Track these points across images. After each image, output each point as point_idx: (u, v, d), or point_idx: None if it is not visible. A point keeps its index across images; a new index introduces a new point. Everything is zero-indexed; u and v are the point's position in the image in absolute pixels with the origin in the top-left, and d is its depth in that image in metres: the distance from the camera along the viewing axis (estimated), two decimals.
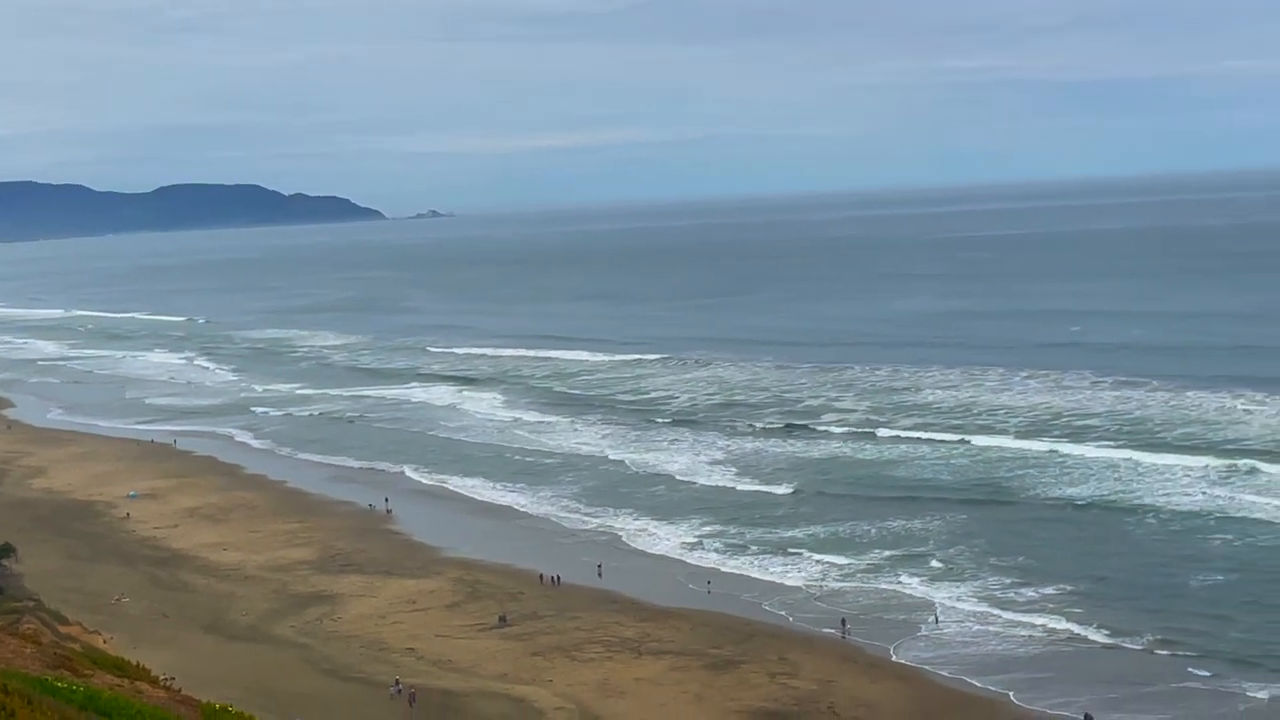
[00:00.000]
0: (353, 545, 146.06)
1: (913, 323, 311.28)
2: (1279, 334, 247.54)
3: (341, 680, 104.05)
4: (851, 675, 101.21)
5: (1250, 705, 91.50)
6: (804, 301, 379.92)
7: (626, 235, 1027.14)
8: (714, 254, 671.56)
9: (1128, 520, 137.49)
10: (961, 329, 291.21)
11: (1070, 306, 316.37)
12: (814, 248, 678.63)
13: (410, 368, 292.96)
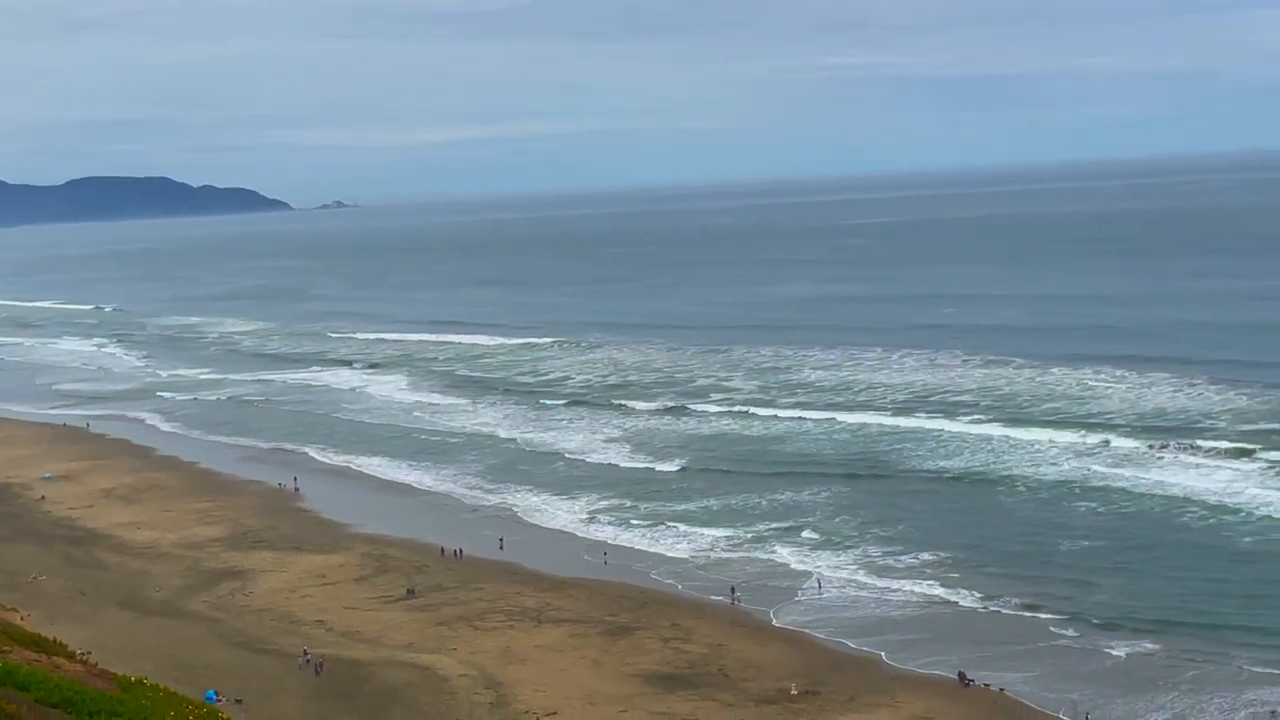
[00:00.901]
0: (263, 523, 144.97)
1: (795, 306, 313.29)
2: (1135, 315, 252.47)
3: (253, 652, 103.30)
4: (740, 639, 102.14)
5: (1112, 662, 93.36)
6: (692, 287, 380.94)
7: (524, 225, 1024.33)
8: (607, 242, 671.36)
9: (998, 490, 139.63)
10: (841, 312, 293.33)
11: (943, 290, 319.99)
12: (702, 236, 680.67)
13: (317, 352, 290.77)
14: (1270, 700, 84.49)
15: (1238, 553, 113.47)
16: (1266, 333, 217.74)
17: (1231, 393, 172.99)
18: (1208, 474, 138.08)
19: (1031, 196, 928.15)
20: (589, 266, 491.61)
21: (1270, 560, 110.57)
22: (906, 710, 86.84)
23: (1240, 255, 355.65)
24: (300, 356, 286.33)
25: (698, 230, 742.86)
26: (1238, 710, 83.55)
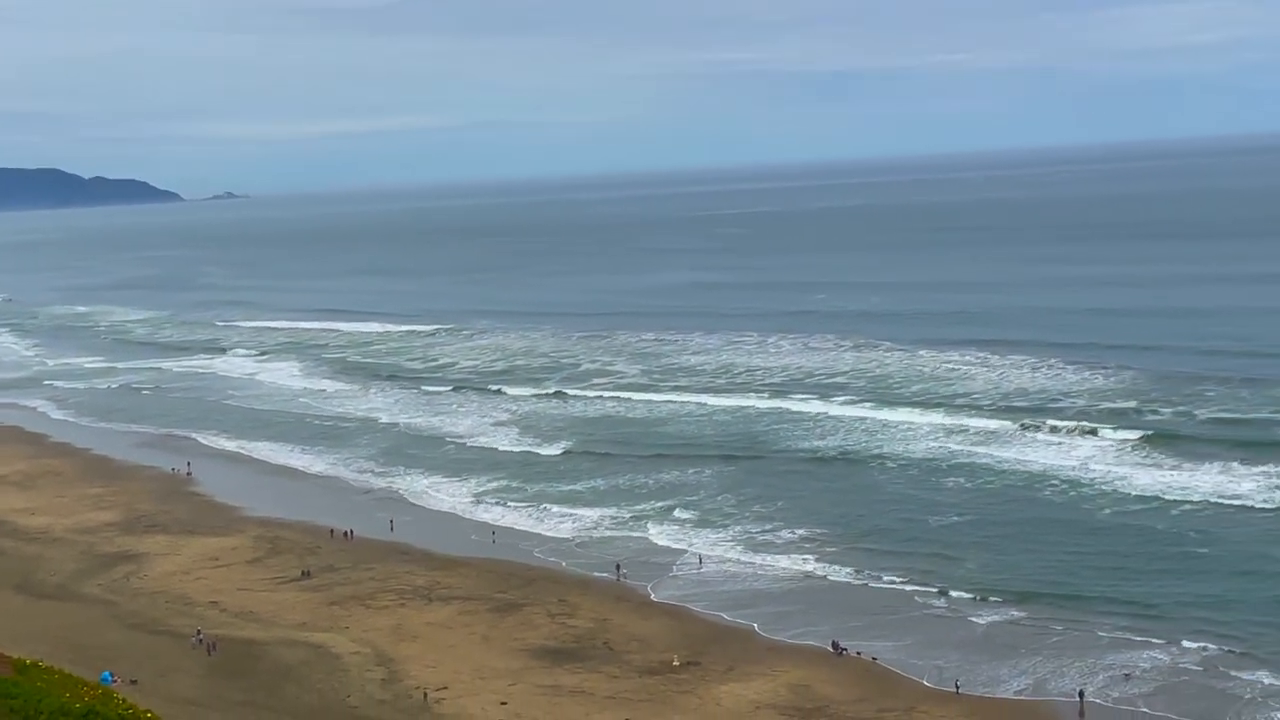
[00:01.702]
0: (157, 507, 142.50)
1: (676, 293, 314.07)
2: (995, 300, 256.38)
3: (147, 634, 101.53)
4: (624, 613, 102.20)
5: (979, 631, 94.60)
6: (576, 275, 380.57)
7: (410, 215, 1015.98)
8: (493, 232, 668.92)
9: (870, 468, 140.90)
10: (719, 298, 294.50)
11: (815, 277, 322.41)
12: (584, 225, 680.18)
13: (208, 340, 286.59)
14: (1124, 663, 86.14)
15: (1095, 525, 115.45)
16: (1117, 316, 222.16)
17: (1087, 372, 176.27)
18: (1067, 450, 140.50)
19: (896, 188, 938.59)
20: (475, 256, 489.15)
21: (1125, 532, 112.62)
22: (783, 679, 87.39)
23: (1090, 243, 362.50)
24: (191, 344, 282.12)
25: (581, 220, 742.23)
26: (1096, 674, 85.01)
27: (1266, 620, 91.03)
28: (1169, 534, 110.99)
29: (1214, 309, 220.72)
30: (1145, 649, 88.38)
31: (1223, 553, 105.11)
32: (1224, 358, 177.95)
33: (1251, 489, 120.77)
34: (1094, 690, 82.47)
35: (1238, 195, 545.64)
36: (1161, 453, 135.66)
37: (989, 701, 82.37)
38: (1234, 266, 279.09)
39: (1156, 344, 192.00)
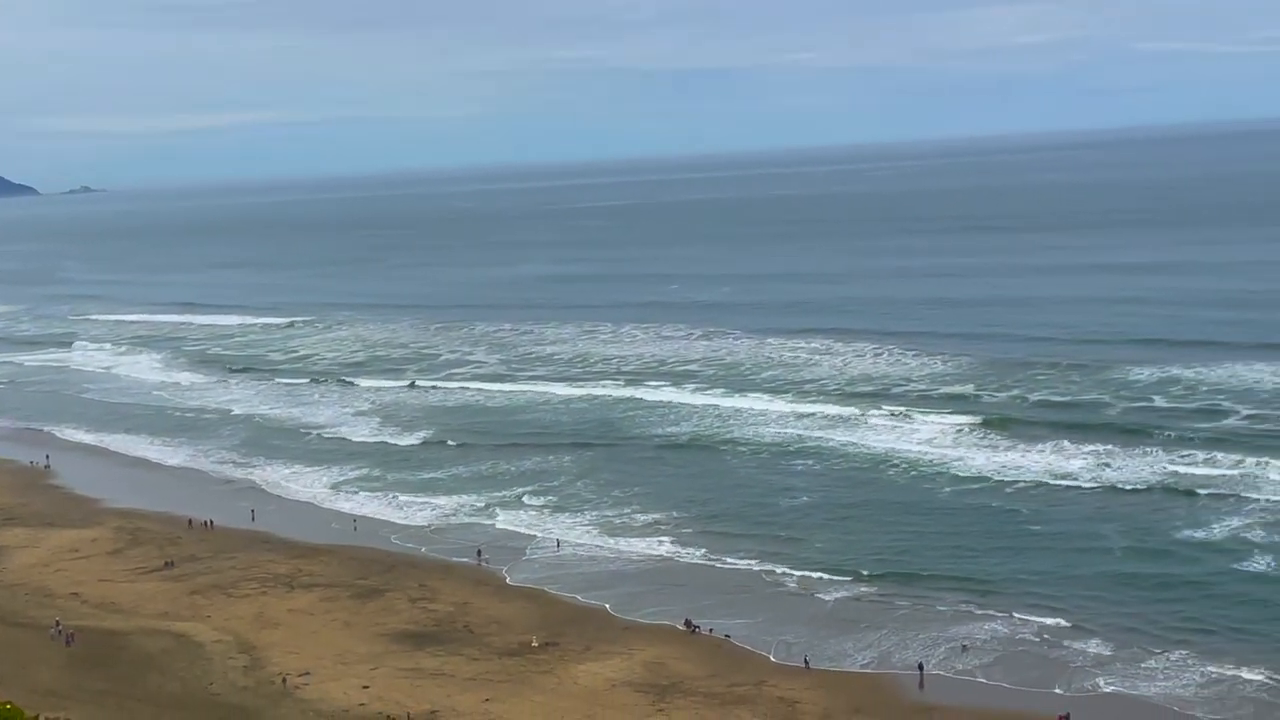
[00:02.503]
0: (15, 500, 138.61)
1: (532, 284, 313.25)
2: (840, 290, 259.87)
3: (7, 626, 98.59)
4: (484, 597, 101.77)
5: (827, 607, 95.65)
6: (433, 267, 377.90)
7: (269, 209, 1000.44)
8: (350, 225, 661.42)
9: (723, 453, 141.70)
10: (574, 289, 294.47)
11: (667, 269, 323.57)
12: (441, 219, 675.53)
13: (65, 334, 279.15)
14: (963, 636, 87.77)
15: (935, 505, 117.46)
16: (952, 305, 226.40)
17: (925, 358, 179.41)
18: (908, 433, 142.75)
19: (744, 182, 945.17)
20: (332, 249, 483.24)
21: (964, 511, 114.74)
22: (639, 657, 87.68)
23: (926, 235, 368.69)
24: (48, 338, 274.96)
25: (439, 214, 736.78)
26: (937, 646, 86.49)
27: (1095, 594, 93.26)
28: (1004, 512, 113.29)
29: (1042, 298, 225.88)
30: (983, 622, 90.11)
31: (1054, 530, 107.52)
32: (1053, 344, 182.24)
33: (1080, 468, 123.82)
34: (935, 662, 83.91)
35: (1064, 189, 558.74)
36: (997, 434, 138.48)
37: (835, 675, 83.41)
38: (1060, 257, 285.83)
39: (989, 331, 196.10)
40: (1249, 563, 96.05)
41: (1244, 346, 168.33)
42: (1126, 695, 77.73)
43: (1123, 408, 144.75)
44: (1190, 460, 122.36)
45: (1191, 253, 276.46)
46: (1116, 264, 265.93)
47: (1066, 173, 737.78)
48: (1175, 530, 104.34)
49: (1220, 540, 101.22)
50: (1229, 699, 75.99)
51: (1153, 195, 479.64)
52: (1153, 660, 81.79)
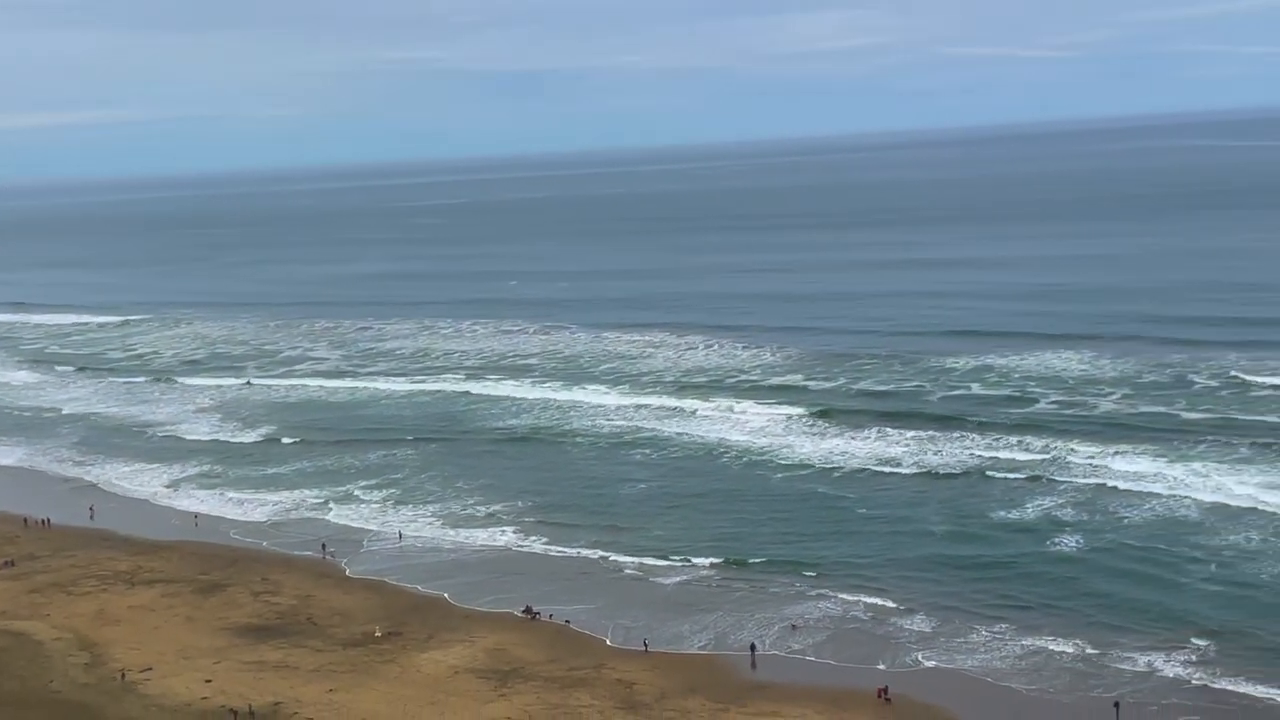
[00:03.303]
0: None
1: (373, 282, 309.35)
2: (671, 285, 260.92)
3: None
4: (327, 589, 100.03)
5: (667, 591, 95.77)
6: (275, 265, 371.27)
7: (106, 208, 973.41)
8: (189, 224, 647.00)
9: (564, 444, 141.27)
10: (416, 286, 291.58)
11: (507, 266, 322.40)
12: (280, 217, 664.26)
13: None
14: (793, 616, 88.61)
15: (768, 490, 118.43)
16: (779, 299, 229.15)
17: (756, 350, 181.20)
18: (741, 423, 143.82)
19: (577, 181, 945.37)
20: (173, 247, 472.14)
21: (796, 497, 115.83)
22: (481, 644, 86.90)
23: (755, 232, 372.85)
24: None
25: (278, 212, 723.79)
26: (771, 626, 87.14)
27: (918, 574, 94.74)
28: (832, 497, 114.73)
29: (865, 292, 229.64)
30: (814, 602, 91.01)
31: (879, 514, 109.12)
32: (875, 336, 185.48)
33: (902, 453, 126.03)
34: (769, 642, 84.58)
35: (879, 188, 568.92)
36: (825, 422, 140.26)
37: (673, 657, 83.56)
38: (879, 253, 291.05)
39: (815, 325, 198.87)
40: (1059, 541, 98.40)
41: (1052, 336, 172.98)
42: (945, 669, 79.10)
43: (941, 395, 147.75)
44: (1004, 445, 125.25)
45: (1002, 248, 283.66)
46: (932, 259, 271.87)
47: (881, 172, 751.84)
48: (991, 511, 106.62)
49: (1033, 520, 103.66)
50: (1044, 670, 77.75)
51: (963, 193, 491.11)
52: (972, 636, 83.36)
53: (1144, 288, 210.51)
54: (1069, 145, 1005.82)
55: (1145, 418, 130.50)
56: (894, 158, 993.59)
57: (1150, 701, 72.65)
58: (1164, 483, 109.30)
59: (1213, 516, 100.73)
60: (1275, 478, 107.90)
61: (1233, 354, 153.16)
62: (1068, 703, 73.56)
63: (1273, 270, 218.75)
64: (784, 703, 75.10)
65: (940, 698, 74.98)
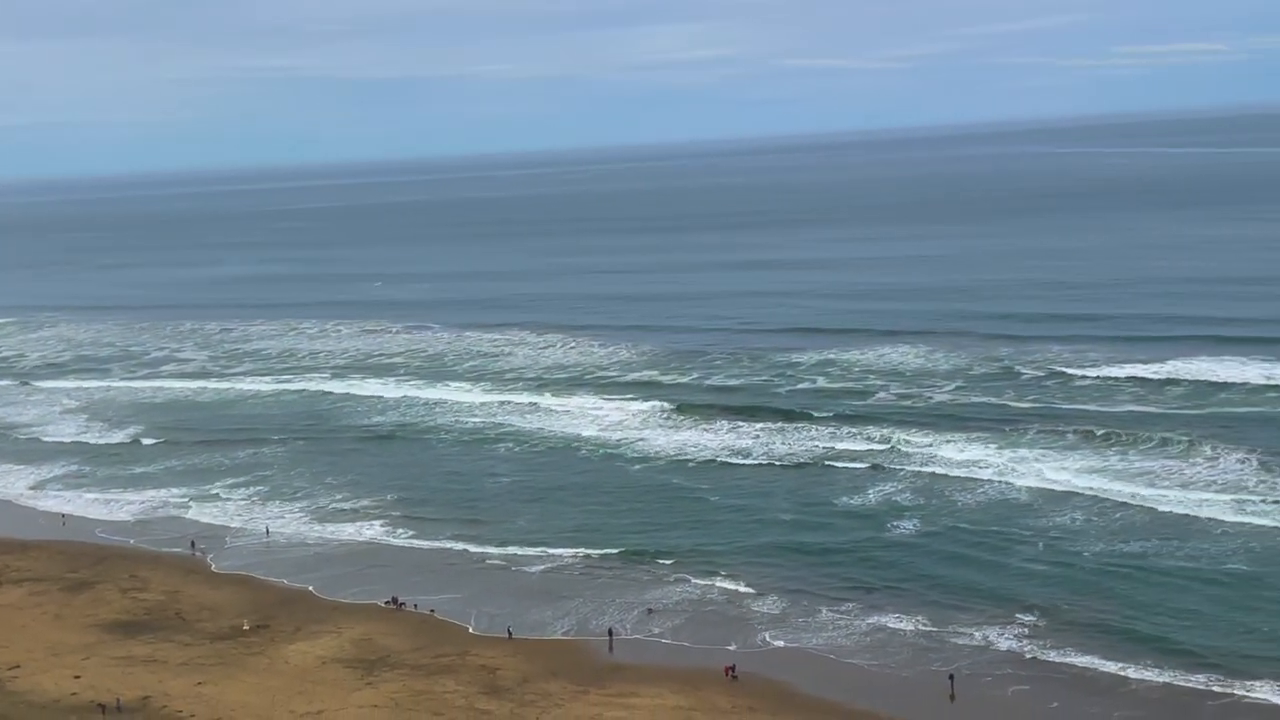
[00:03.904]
0: None
1: (239, 284, 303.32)
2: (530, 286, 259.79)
3: None
4: (195, 585, 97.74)
5: (532, 579, 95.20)
6: (141, 268, 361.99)
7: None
8: (56, 228, 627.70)
9: (429, 439, 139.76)
10: (281, 288, 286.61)
11: (370, 269, 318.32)
12: (146, 221, 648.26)
13: None
14: (650, 601, 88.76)
15: (627, 481, 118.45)
16: (636, 300, 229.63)
17: (612, 347, 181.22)
18: (600, 417, 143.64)
19: (442, 185, 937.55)
20: (40, 251, 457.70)
21: (653, 488, 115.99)
22: (347, 634, 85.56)
23: (611, 235, 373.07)
24: None
25: (146, 216, 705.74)
26: (631, 611, 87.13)
27: (768, 559, 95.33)
28: (687, 487, 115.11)
29: (716, 291, 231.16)
30: (671, 587, 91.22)
31: (731, 502, 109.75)
32: (726, 333, 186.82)
33: (752, 444, 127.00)
34: (629, 626, 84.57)
35: (727, 192, 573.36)
36: (680, 415, 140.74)
37: (535, 642, 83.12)
38: (730, 254, 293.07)
39: (669, 323, 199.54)
40: (899, 526, 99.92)
41: (889, 333, 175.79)
42: (792, 648, 79.82)
43: (788, 389, 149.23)
44: (847, 435, 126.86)
45: (841, 249, 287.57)
46: (776, 260, 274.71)
47: (729, 176, 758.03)
48: (835, 499, 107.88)
49: (874, 506, 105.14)
50: (886, 647, 78.87)
51: (803, 197, 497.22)
52: (818, 616, 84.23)
53: (973, 286, 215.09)
54: (899, 152, 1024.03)
55: (977, 408, 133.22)
56: (740, 164, 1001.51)
57: (984, 673, 74.16)
58: (994, 469, 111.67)
59: (1039, 499, 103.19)
60: (1095, 463, 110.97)
61: (1056, 347, 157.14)
62: (906, 676, 74.76)
63: (1090, 269, 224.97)
64: (640, 683, 75.20)
65: (786, 674, 75.73)
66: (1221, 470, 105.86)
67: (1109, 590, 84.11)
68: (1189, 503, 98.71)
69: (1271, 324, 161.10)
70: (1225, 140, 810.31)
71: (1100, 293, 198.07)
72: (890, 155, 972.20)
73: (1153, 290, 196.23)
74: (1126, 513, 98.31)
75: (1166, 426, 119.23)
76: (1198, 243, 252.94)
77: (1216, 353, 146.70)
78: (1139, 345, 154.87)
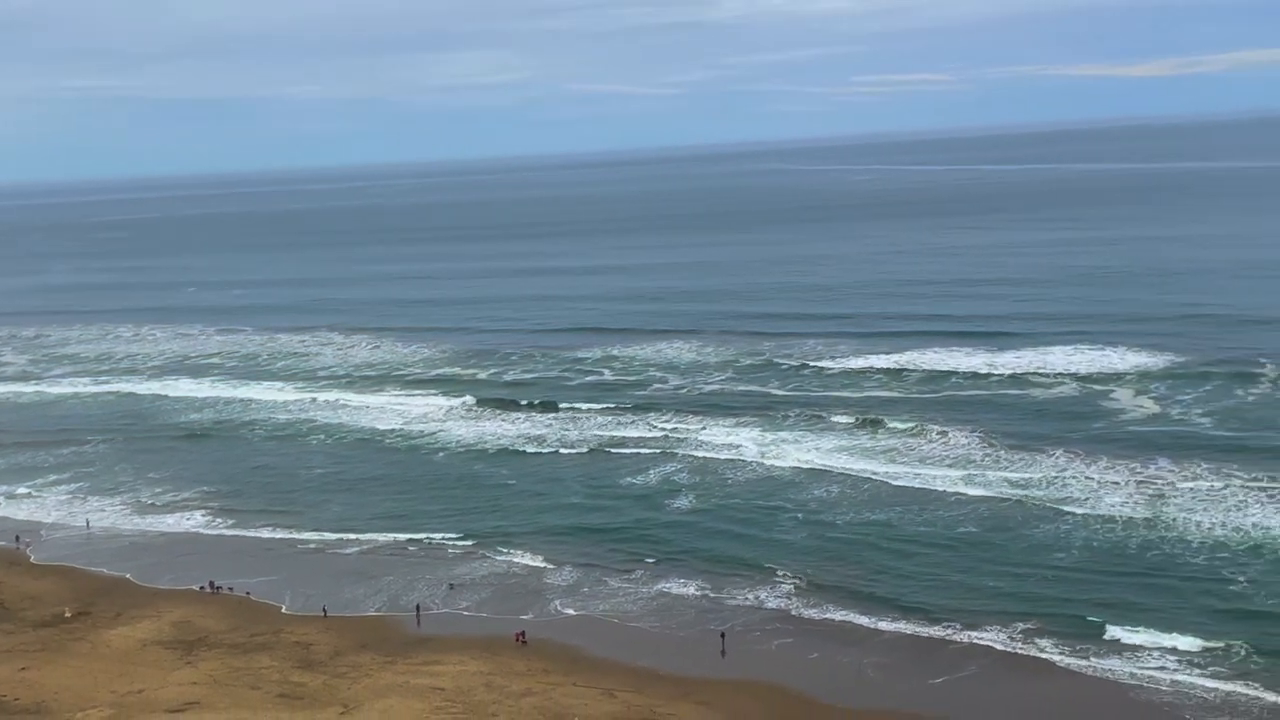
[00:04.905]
0: None
1: (57, 292, 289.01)
2: (337, 292, 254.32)
3: None
4: (16, 576, 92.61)
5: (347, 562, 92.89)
6: None
7: None
8: None
9: (245, 434, 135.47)
10: (98, 295, 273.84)
11: (184, 276, 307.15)
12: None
13: None
14: (455, 577, 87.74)
15: (433, 470, 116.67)
16: (438, 303, 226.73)
17: (416, 347, 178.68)
18: (406, 410, 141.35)
19: (255, 198, 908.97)
20: None
21: (457, 475, 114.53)
22: (167, 618, 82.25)
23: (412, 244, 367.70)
24: None
25: None
26: (438, 586, 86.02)
27: (563, 536, 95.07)
28: (488, 473, 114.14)
29: (506, 296, 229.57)
30: (475, 564, 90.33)
31: (528, 486, 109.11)
32: (520, 334, 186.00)
33: (546, 433, 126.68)
34: (438, 601, 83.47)
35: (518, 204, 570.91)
36: (481, 407, 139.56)
37: (349, 619, 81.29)
38: (519, 261, 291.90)
39: (467, 325, 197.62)
40: (678, 502, 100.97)
41: (666, 331, 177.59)
42: (582, 615, 79.89)
43: (578, 382, 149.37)
44: (631, 423, 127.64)
45: (623, 256, 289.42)
46: (562, 266, 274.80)
47: (524, 190, 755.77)
48: (621, 480, 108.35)
49: (656, 485, 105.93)
50: (668, 610, 79.54)
51: (589, 209, 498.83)
52: (607, 586, 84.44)
53: (737, 289, 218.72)
54: (673, 168, 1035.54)
55: (743, 396, 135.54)
56: (530, 178, 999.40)
57: (753, 629, 75.44)
58: (759, 450, 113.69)
59: (799, 476, 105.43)
60: (846, 442, 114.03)
61: (810, 342, 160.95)
62: (683, 636, 75.53)
63: (838, 273, 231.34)
64: (444, 652, 74.28)
65: (577, 638, 75.79)
66: (952, 447, 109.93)
67: (860, 554, 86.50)
68: (925, 476, 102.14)
69: (991, 319, 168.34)
70: (950, 159, 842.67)
71: (847, 293, 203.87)
72: (665, 171, 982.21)
73: (892, 291, 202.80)
74: (873, 486, 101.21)
75: (906, 409, 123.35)
76: (929, 249, 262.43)
77: (946, 345, 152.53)
78: (881, 339, 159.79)
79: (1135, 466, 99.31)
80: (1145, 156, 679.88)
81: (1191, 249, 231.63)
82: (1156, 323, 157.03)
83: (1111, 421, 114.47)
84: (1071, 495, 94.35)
